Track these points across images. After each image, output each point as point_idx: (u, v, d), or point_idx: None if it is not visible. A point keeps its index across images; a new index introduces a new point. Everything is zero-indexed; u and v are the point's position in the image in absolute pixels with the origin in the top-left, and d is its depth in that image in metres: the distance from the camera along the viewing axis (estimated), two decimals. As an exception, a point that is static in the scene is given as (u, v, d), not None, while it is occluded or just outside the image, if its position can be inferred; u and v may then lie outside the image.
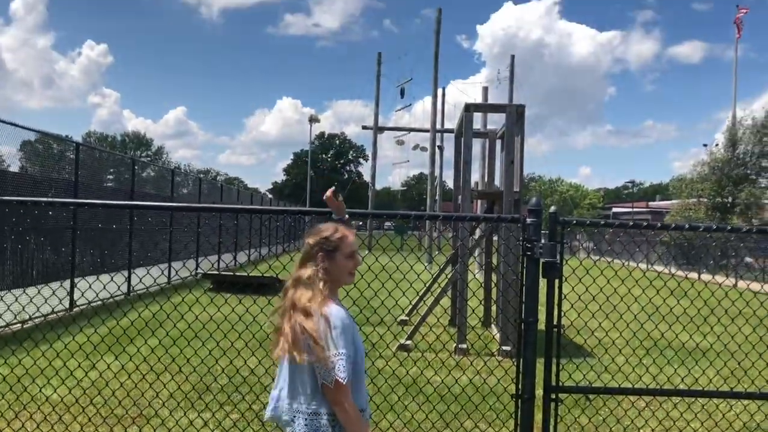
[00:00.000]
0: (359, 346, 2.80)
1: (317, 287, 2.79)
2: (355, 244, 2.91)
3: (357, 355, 2.76)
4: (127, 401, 5.41)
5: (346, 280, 2.91)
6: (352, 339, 2.72)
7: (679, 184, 36.94)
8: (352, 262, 2.87)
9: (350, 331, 2.73)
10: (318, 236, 2.87)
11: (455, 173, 13.52)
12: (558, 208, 4.29)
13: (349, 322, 2.76)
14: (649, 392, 4.38)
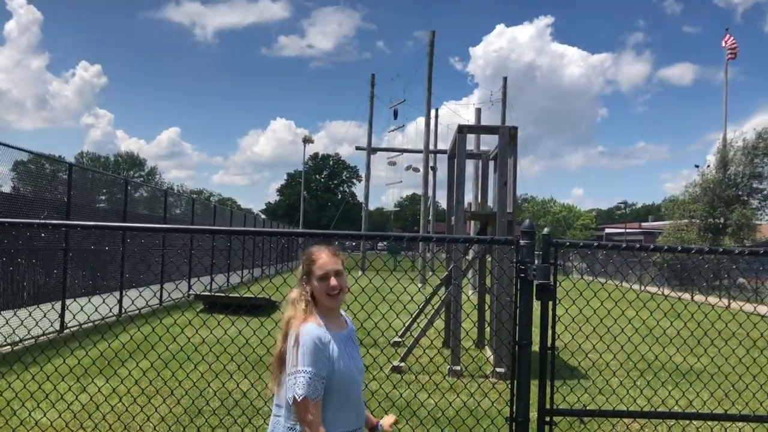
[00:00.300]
0: (341, 368, 2.79)
1: (299, 307, 2.89)
2: (328, 265, 2.89)
3: (335, 375, 2.77)
4: (117, 425, 5.34)
5: (325, 302, 2.90)
6: (327, 358, 2.74)
7: (671, 205, 37.16)
8: (325, 284, 2.86)
9: (323, 350, 2.74)
10: (302, 259, 2.98)
11: (448, 194, 13.55)
12: (551, 229, 4.31)
13: (323, 341, 2.76)
14: (644, 415, 4.35)
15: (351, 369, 2.85)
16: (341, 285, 2.89)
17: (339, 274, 2.90)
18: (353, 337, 3.01)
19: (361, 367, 2.93)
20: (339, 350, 2.85)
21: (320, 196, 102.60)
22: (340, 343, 2.89)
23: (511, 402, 3.98)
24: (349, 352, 2.89)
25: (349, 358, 2.87)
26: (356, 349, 2.97)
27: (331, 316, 2.95)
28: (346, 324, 3.02)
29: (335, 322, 2.96)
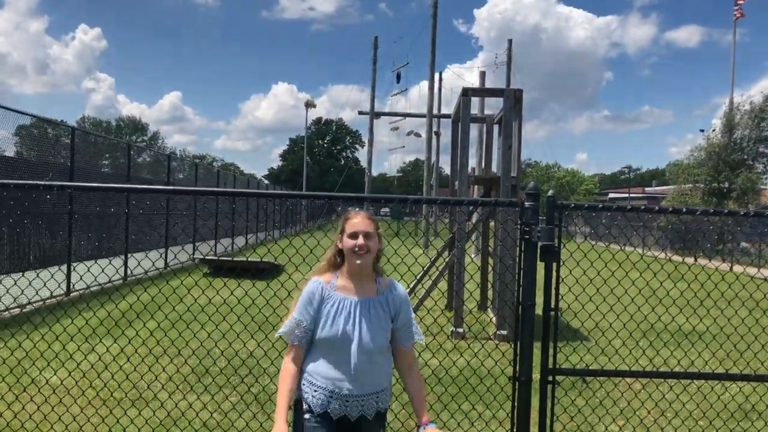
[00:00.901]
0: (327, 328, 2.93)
1: (318, 266, 3.14)
2: (359, 226, 3.04)
3: (320, 332, 2.94)
4: (126, 384, 5.43)
5: (351, 260, 3.04)
6: (314, 311, 2.96)
7: (675, 170, 36.94)
8: (353, 242, 3.00)
9: (311, 303, 2.98)
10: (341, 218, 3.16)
11: (452, 158, 13.50)
12: (555, 194, 4.29)
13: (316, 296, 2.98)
14: (646, 374, 4.40)
15: (339, 330, 2.93)
16: (369, 246, 3.02)
17: (369, 236, 3.04)
18: (381, 306, 3.04)
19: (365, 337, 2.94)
20: (338, 311, 2.97)
21: (323, 161, 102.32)
22: (349, 307, 2.98)
23: (514, 362, 4.02)
24: (355, 317, 2.96)
25: (348, 322, 2.95)
26: (377, 318, 3.00)
27: (360, 277, 3.07)
28: (378, 292, 3.08)
29: (363, 285, 3.07)
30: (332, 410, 2.91)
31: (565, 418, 5.45)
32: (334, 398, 2.90)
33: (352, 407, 2.92)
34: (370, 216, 3.12)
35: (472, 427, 5.16)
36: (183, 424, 5.25)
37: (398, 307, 3.08)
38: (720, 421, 5.52)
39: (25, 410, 4.83)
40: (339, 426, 2.93)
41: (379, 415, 3.00)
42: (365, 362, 2.93)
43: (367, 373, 2.94)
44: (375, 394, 2.96)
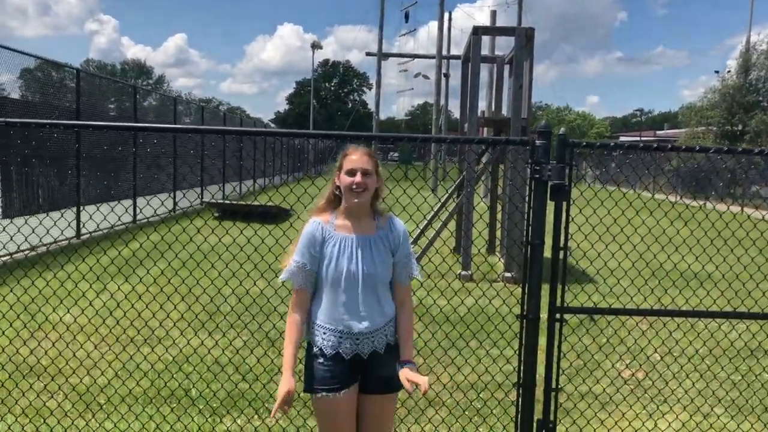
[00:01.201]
0: (333, 267, 2.91)
1: (316, 204, 3.10)
2: (357, 162, 2.96)
3: (326, 273, 2.92)
4: (138, 322, 5.51)
5: (348, 198, 2.99)
6: (317, 252, 2.93)
7: (688, 112, 36.45)
8: (350, 180, 2.94)
9: (313, 244, 2.94)
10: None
11: (462, 100, 13.33)
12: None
13: (318, 237, 2.94)
14: (653, 313, 4.42)
15: (344, 270, 2.92)
16: (366, 184, 2.95)
17: (366, 173, 2.96)
18: (382, 242, 3.02)
19: (369, 275, 2.93)
20: (340, 250, 2.94)
21: (330, 104, 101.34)
22: (351, 245, 2.95)
23: (522, 300, 4.04)
24: (357, 255, 2.94)
25: (351, 261, 2.93)
26: (378, 254, 2.98)
27: (358, 215, 3.02)
28: (377, 228, 3.04)
29: (361, 223, 3.02)
30: (344, 350, 2.92)
31: (572, 355, 5.52)
32: (344, 338, 2.91)
33: (364, 344, 2.93)
34: (370, 152, 3.04)
35: (479, 365, 5.23)
36: (195, 361, 5.36)
37: (398, 242, 3.05)
38: (726, 359, 5.58)
39: (40, 347, 4.93)
40: (352, 364, 2.94)
41: (390, 347, 3.01)
42: (372, 299, 2.94)
43: (374, 309, 2.95)
44: (383, 328, 2.98)
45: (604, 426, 4.55)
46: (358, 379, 2.98)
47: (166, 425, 4.34)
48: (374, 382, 2.98)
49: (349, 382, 2.95)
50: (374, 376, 2.97)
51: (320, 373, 2.92)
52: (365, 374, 2.98)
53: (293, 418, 4.53)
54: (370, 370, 2.97)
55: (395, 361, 3.03)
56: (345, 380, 2.93)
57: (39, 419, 4.32)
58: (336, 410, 2.94)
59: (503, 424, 4.53)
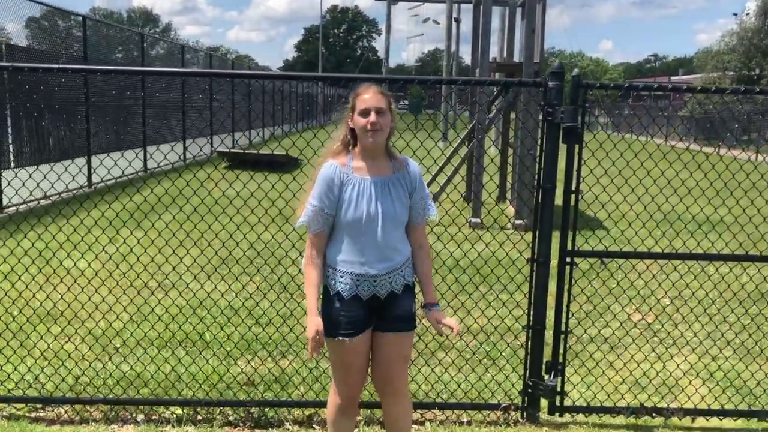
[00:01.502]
0: (352, 210, 2.89)
1: (330, 149, 3.05)
2: (371, 101, 2.90)
3: (344, 216, 2.90)
4: (151, 268, 5.57)
5: (363, 139, 2.94)
6: (334, 196, 2.89)
7: (704, 57, 35.70)
8: (364, 120, 2.89)
9: (331, 188, 2.90)
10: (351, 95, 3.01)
11: (473, 45, 13.09)
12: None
13: (335, 180, 2.90)
14: (664, 256, 4.41)
15: (364, 213, 2.89)
16: (381, 124, 2.89)
17: (381, 112, 2.89)
18: (399, 183, 2.99)
19: (389, 216, 2.91)
20: (359, 193, 2.91)
21: (339, 52, 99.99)
22: (369, 188, 2.92)
23: (533, 244, 4.04)
24: (376, 197, 2.91)
25: (370, 203, 2.90)
26: (397, 195, 2.96)
27: (373, 156, 2.99)
28: (393, 170, 3.00)
29: (377, 164, 2.99)
30: (361, 292, 2.93)
31: (582, 299, 5.54)
32: (362, 280, 2.91)
33: (381, 285, 2.94)
34: (382, 90, 2.97)
35: (489, 309, 5.28)
36: (208, 305, 5.43)
37: (414, 184, 3.04)
38: (736, 302, 5.59)
39: (56, 292, 5.00)
40: (369, 305, 2.96)
41: (407, 287, 3.03)
42: (390, 240, 2.93)
43: (392, 250, 2.94)
44: (400, 269, 2.98)
45: (612, 368, 4.60)
46: (374, 321, 3.01)
47: (181, 368, 4.44)
48: (391, 322, 3.01)
49: (365, 325, 2.98)
50: (391, 315, 3.00)
51: (337, 317, 2.93)
52: (382, 314, 3.00)
53: (306, 361, 4.60)
54: (387, 310, 2.99)
55: (412, 300, 3.06)
56: (361, 324, 2.96)
57: (57, 362, 4.41)
58: (350, 353, 2.98)
59: (512, 367, 4.59)
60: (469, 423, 4.03)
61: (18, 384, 4.21)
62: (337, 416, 3.14)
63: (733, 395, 4.43)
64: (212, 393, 4.20)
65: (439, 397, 4.24)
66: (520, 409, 4.12)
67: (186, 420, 3.94)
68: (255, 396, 4.20)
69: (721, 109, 21.35)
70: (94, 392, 4.19)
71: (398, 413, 3.16)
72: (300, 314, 5.11)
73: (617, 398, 4.29)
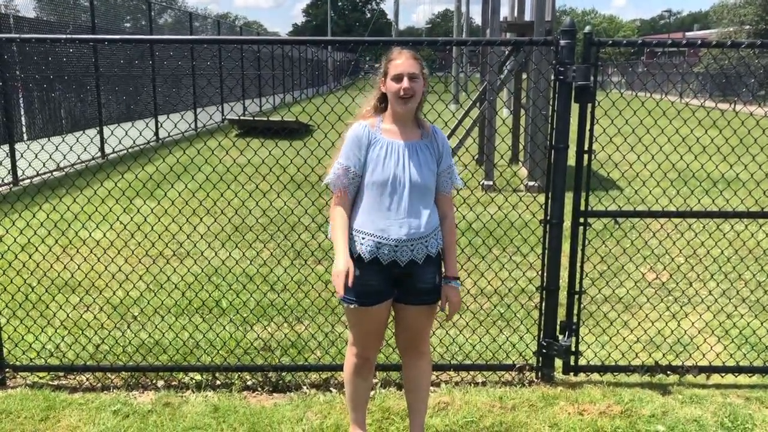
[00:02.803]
0: (378, 171, 2.87)
1: (363, 108, 3.03)
2: (404, 67, 2.86)
3: (370, 177, 2.88)
4: (166, 237, 5.61)
5: (395, 104, 2.92)
6: (361, 155, 2.89)
7: (720, 10, 34.90)
8: (398, 86, 2.86)
9: (359, 147, 2.89)
10: (383, 59, 2.98)
11: (483, 4, 12.87)
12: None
13: (363, 139, 2.90)
14: (679, 215, 4.37)
15: (389, 175, 2.86)
16: (414, 89, 2.87)
17: (414, 77, 2.87)
18: (427, 149, 2.96)
19: (416, 180, 2.87)
20: (387, 154, 2.89)
21: (348, 15, 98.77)
22: (398, 150, 2.90)
23: (546, 205, 4.02)
24: (404, 160, 2.89)
25: (398, 165, 2.88)
26: (425, 160, 2.93)
27: (403, 121, 2.97)
28: (422, 136, 2.98)
29: (407, 129, 2.97)
30: (381, 256, 2.88)
31: (595, 259, 5.53)
32: (383, 244, 2.87)
33: (402, 252, 2.88)
34: (415, 55, 2.91)
35: (502, 270, 5.28)
36: (224, 272, 5.48)
37: (441, 151, 3.00)
38: (752, 260, 5.56)
39: (73, 262, 5.06)
40: (389, 273, 2.92)
41: (429, 259, 2.96)
42: (416, 206, 2.89)
43: (417, 217, 2.89)
44: (424, 238, 2.91)
45: (627, 327, 4.61)
46: (394, 293, 2.99)
47: (199, 334, 4.50)
48: (414, 294, 2.99)
49: (384, 295, 2.96)
50: (414, 288, 2.98)
51: (355, 284, 2.83)
52: (404, 286, 2.98)
53: (321, 325, 4.65)
54: (409, 282, 2.96)
55: (436, 272, 3.02)
56: (379, 294, 2.94)
57: (77, 331, 4.49)
58: (367, 320, 2.99)
59: (527, 327, 4.61)
60: (484, 384, 4.07)
61: (39, 353, 4.29)
62: (353, 376, 3.17)
63: (748, 352, 4.44)
64: (230, 359, 4.26)
65: (455, 359, 4.28)
66: (534, 370, 4.15)
67: (205, 385, 4.01)
68: (272, 361, 4.26)
69: (737, 64, 20.92)
70: (114, 360, 4.27)
71: (418, 374, 3.20)
72: (314, 280, 5.15)
73: (632, 357, 4.30)
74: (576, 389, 3.99)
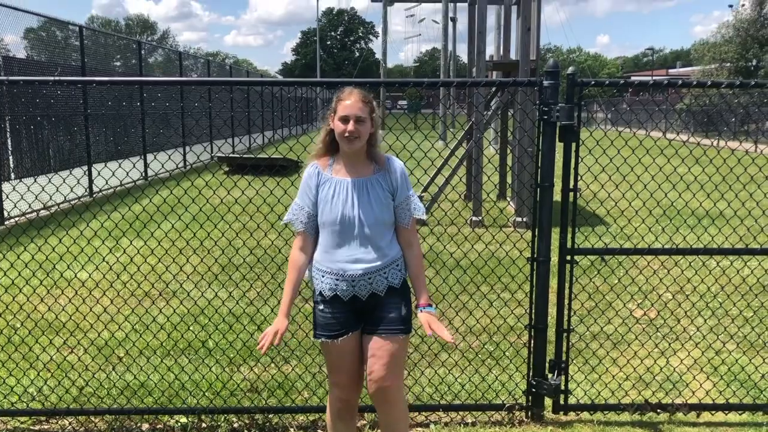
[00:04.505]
0: (327, 211, 2.92)
1: (315, 148, 3.07)
2: (351, 109, 2.88)
3: (322, 216, 2.94)
4: (152, 277, 5.58)
5: (341, 143, 2.94)
6: (313, 195, 2.96)
7: (701, 48, 35.66)
8: (343, 127, 2.88)
9: (310, 188, 2.97)
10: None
11: (469, 44, 13.09)
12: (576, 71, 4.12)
13: (314, 180, 2.97)
14: (665, 252, 4.40)
15: (338, 214, 2.90)
16: (359, 132, 2.88)
17: (360, 120, 2.88)
18: (379, 183, 2.96)
19: (366, 216, 2.89)
20: (335, 193, 2.93)
21: (337, 54, 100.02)
22: (346, 188, 2.93)
23: (532, 243, 4.04)
24: (352, 197, 2.91)
25: (346, 204, 2.91)
26: (375, 196, 2.93)
27: (353, 159, 2.98)
28: (375, 170, 2.98)
29: (358, 166, 2.98)
30: (341, 292, 2.93)
31: (583, 296, 5.53)
32: (340, 280, 2.91)
33: (360, 286, 2.92)
34: (366, 97, 2.93)
35: (491, 309, 5.27)
36: (210, 313, 5.43)
37: (396, 184, 2.98)
38: (738, 296, 5.58)
39: (57, 303, 5.01)
40: (353, 306, 2.95)
41: (393, 290, 2.97)
42: (368, 241, 2.91)
43: (370, 251, 2.91)
44: (382, 270, 2.93)
45: (616, 365, 4.59)
46: (360, 323, 3.01)
47: (185, 376, 4.43)
48: (374, 323, 2.98)
49: (349, 326, 2.98)
50: (376, 317, 2.97)
51: (321, 319, 2.99)
52: (367, 317, 2.99)
53: (308, 365, 4.60)
54: (372, 312, 2.98)
55: (400, 303, 3.01)
56: (345, 326, 2.97)
57: (60, 373, 4.42)
58: (337, 354, 3.00)
59: (516, 366, 4.59)
60: (474, 424, 4.02)
61: (21, 397, 4.21)
62: (335, 420, 3.13)
63: (737, 389, 4.42)
64: (216, 400, 4.20)
65: (444, 399, 4.23)
66: (524, 409, 4.11)
67: (191, 428, 3.94)
68: (259, 402, 4.20)
69: (718, 102, 21.26)
70: (98, 403, 4.19)
71: (391, 421, 3.07)
72: (301, 320, 5.11)
73: (621, 395, 4.28)
74: (566, 429, 3.95)
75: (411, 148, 4.11)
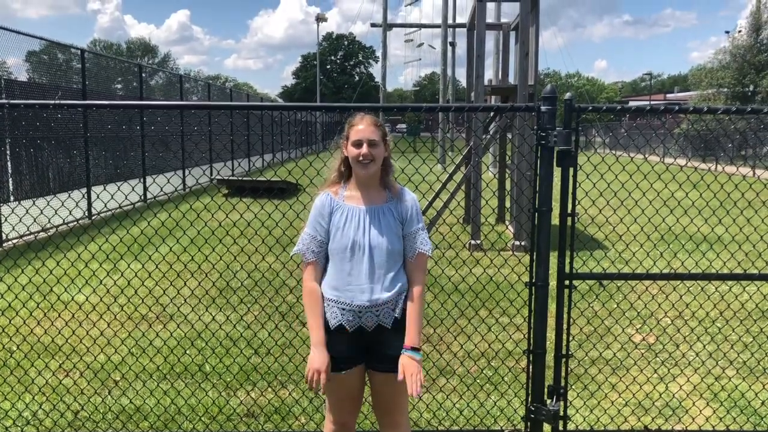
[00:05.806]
0: (338, 238, 2.88)
1: (328, 176, 3.05)
2: (364, 133, 2.89)
3: (332, 244, 2.90)
4: (149, 300, 5.56)
5: (356, 169, 2.94)
6: (325, 223, 2.92)
7: (698, 74, 35.97)
8: (357, 151, 2.88)
9: (322, 215, 2.93)
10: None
11: (468, 68, 13.19)
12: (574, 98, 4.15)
13: (326, 208, 2.93)
14: (663, 277, 4.39)
15: (349, 241, 2.87)
16: (373, 155, 2.89)
17: (373, 144, 2.89)
18: (390, 212, 2.94)
19: (377, 245, 2.85)
20: (347, 220, 2.90)
21: (336, 78, 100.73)
22: (359, 215, 2.91)
23: (530, 267, 4.03)
24: (364, 225, 2.89)
25: (358, 231, 2.88)
26: (387, 225, 2.90)
27: (367, 186, 2.97)
28: (387, 199, 2.97)
29: (370, 193, 2.97)
30: (346, 323, 2.85)
31: (582, 321, 5.52)
32: (346, 310, 2.84)
33: (367, 318, 2.84)
34: (377, 121, 2.94)
35: (489, 333, 5.25)
36: (207, 336, 5.40)
37: (406, 215, 2.95)
38: (737, 321, 5.56)
39: (54, 326, 4.98)
40: (357, 339, 2.87)
41: (399, 323, 2.88)
42: (378, 271, 2.85)
43: (379, 282, 2.85)
44: (389, 302, 2.86)
45: (615, 390, 4.56)
46: (364, 358, 2.93)
47: (181, 400, 4.40)
48: (380, 360, 2.90)
49: (353, 361, 2.91)
50: (380, 354, 2.89)
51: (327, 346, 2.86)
52: (372, 352, 2.91)
53: (306, 390, 4.57)
54: (377, 347, 2.89)
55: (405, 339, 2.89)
56: (350, 360, 2.90)
57: (56, 397, 4.38)
58: (338, 385, 2.93)
59: (514, 391, 4.55)
60: (472, 450, 3.98)
61: (16, 421, 4.17)
62: None
63: (737, 416, 4.39)
64: (212, 425, 4.16)
65: (442, 425, 4.20)
66: (522, 435, 4.08)
67: (185, 454, 3.90)
68: (255, 427, 4.16)
69: (715, 128, 21.38)
70: (93, 427, 4.15)
71: None
72: (298, 344, 5.09)
73: (621, 421, 4.24)
74: (565, 456, 3.91)
75: (409, 172, 4.12)
